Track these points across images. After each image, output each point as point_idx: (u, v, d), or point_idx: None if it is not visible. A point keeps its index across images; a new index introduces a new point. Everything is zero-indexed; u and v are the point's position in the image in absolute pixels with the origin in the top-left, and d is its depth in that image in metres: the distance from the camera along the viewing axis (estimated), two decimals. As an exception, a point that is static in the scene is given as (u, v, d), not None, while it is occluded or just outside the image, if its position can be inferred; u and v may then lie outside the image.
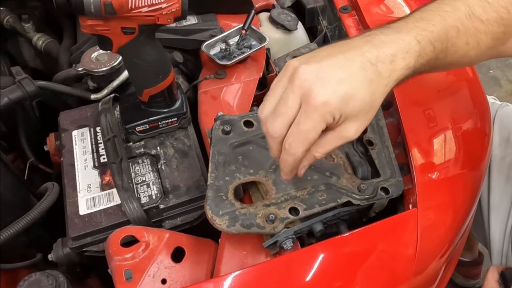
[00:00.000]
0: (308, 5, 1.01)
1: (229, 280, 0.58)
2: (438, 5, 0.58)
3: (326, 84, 0.48)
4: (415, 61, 0.53)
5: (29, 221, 0.66)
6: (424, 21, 0.55)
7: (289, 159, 0.51)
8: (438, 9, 0.57)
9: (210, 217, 0.59)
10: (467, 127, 0.76)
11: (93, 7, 0.56)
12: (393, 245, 0.64)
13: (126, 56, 0.67)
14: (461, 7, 0.57)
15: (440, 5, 0.58)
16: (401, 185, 0.67)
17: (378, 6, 0.91)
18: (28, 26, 1.01)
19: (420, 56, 0.54)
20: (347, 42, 0.53)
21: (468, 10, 0.57)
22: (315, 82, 0.48)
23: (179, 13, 0.61)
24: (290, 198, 0.62)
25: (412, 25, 0.55)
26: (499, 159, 0.97)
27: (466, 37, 0.57)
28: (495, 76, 2.16)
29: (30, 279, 0.61)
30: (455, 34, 0.56)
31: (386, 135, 0.71)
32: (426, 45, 0.54)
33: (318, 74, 0.48)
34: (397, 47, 0.52)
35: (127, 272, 0.58)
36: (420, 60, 0.54)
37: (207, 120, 0.77)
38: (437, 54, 0.56)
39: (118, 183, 0.68)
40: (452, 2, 0.58)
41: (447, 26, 0.55)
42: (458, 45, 0.57)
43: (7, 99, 0.75)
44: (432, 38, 0.54)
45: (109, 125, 0.75)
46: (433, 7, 0.58)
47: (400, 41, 0.52)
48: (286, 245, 0.60)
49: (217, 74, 0.83)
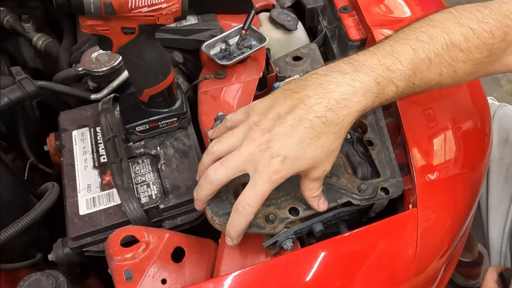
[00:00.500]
0: (308, 5, 1.01)
1: (229, 280, 0.58)
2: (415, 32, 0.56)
3: (276, 155, 0.51)
4: (372, 102, 0.53)
5: (29, 221, 0.66)
6: (392, 56, 0.54)
7: (243, 220, 0.54)
8: (413, 37, 0.55)
9: (210, 217, 0.59)
10: (467, 127, 0.76)
11: (93, 7, 0.56)
12: (393, 245, 0.64)
13: (126, 56, 0.67)
14: (439, 36, 0.55)
15: (416, 33, 0.56)
16: (401, 185, 0.67)
17: (378, 6, 0.91)
18: (28, 26, 1.01)
19: (378, 97, 0.54)
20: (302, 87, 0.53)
21: (447, 39, 0.55)
22: (266, 152, 0.51)
23: (179, 13, 0.61)
24: (290, 198, 0.62)
25: (376, 61, 0.54)
26: (498, 160, 0.97)
27: (440, 68, 0.56)
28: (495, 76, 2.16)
29: (30, 279, 0.61)
30: (425, 68, 0.55)
31: (386, 135, 0.71)
32: (387, 85, 0.54)
33: (268, 144, 0.51)
34: (352, 91, 0.52)
35: (127, 272, 0.58)
36: (378, 100, 0.54)
37: (207, 120, 0.77)
38: (402, 91, 0.55)
39: (118, 183, 0.68)
40: (430, 29, 0.56)
41: (417, 61, 0.54)
42: (430, 77, 0.56)
43: (7, 99, 0.75)
44: (395, 78, 0.54)
45: (109, 125, 0.75)
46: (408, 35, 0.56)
47: (357, 83, 0.52)
48: (286, 245, 0.60)
49: (217, 74, 0.83)
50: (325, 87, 0.52)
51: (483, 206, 0.97)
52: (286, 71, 0.90)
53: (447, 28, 0.56)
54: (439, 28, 0.56)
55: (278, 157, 0.51)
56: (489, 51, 0.58)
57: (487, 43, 0.57)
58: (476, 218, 0.97)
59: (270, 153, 0.51)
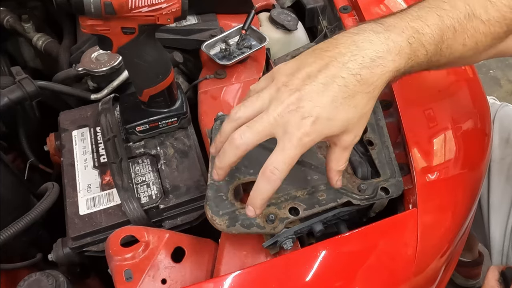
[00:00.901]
0: (308, 5, 1.01)
1: (229, 280, 0.58)
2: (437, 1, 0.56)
3: (307, 115, 0.48)
4: (405, 63, 0.52)
5: (29, 221, 0.66)
6: (419, 20, 0.54)
7: (270, 187, 0.51)
8: (436, 6, 0.55)
9: (210, 217, 0.59)
10: (467, 127, 0.76)
11: (93, 7, 0.56)
12: (393, 245, 0.64)
13: (126, 56, 0.67)
14: (461, 6, 0.55)
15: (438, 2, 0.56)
16: (401, 185, 0.67)
17: (378, 6, 0.91)
18: (28, 26, 1.01)
19: (411, 59, 0.53)
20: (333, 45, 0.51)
21: (468, 10, 0.55)
22: (296, 113, 0.48)
23: (179, 13, 0.61)
24: (290, 198, 0.62)
25: (406, 24, 0.53)
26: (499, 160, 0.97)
27: (463, 38, 0.55)
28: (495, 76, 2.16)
29: (30, 279, 0.61)
30: (451, 36, 0.55)
31: (386, 135, 0.71)
32: (418, 47, 0.53)
33: (298, 103, 0.48)
34: (386, 49, 0.51)
35: (127, 272, 0.58)
36: (410, 62, 0.53)
37: (207, 120, 0.77)
38: (430, 57, 0.54)
39: (118, 183, 0.68)
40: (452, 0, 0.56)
41: (443, 27, 0.54)
42: (454, 47, 0.56)
43: (7, 99, 0.75)
44: (425, 41, 0.53)
45: (109, 125, 0.75)
46: (431, 4, 0.56)
47: (391, 42, 0.51)
48: (286, 245, 0.60)
49: (217, 74, 0.84)
50: (359, 44, 0.50)
51: (484, 205, 0.97)
52: (286, 71, 0.90)
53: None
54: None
55: (310, 118, 0.48)
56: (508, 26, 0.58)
57: (506, 17, 0.57)
58: (477, 218, 0.97)
59: (300, 114, 0.48)
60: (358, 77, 0.49)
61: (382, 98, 0.78)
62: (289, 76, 0.51)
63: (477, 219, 0.97)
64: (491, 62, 2.18)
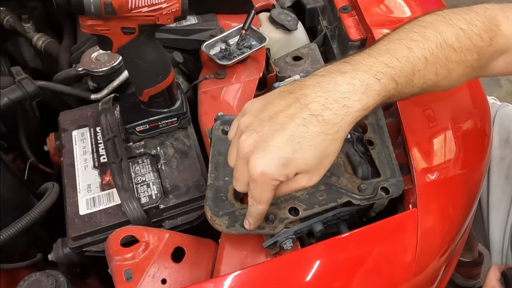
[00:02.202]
0: (308, 5, 1.01)
1: (229, 280, 0.58)
2: (407, 33, 0.55)
3: (262, 155, 0.48)
4: (374, 100, 0.51)
5: (29, 221, 0.66)
6: (388, 54, 0.53)
7: (254, 212, 0.54)
8: (407, 37, 0.55)
9: (209, 218, 0.59)
10: (467, 127, 0.76)
11: (93, 7, 0.56)
12: (393, 245, 0.64)
13: (126, 56, 0.67)
14: (432, 36, 0.55)
15: (409, 33, 0.55)
16: (401, 185, 0.67)
17: (378, 6, 0.91)
18: (28, 26, 1.01)
19: (381, 94, 0.52)
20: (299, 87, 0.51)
21: (440, 39, 0.55)
22: (252, 154, 0.48)
23: (179, 13, 0.61)
24: (290, 198, 0.62)
25: (373, 59, 0.52)
26: (499, 159, 0.97)
27: (436, 68, 0.55)
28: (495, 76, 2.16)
29: (30, 279, 0.61)
30: (422, 67, 0.54)
31: (386, 135, 0.71)
32: (388, 82, 0.52)
33: (255, 144, 0.48)
34: (351, 89, 0.50)
35: (127, 272, 0.58)
36: (380, 98, 0.52)
37: (207, 120, 0.77)
38: (401, 89, 0.54)
39: (118, 183, 0.68)
40: (422, 29, 0.55)
41: (414, 59, 0.53)
42: (427, 77, 0.55)
43: (7, 99, 0.75)
44: (395, 75, 0.52)
45: (109, 125, 0.75)
46: (401, 35, 0.55)
47: (357, 81, 0.50)
48: (286, 245, 0.60)
49: (217, 74, 0.83)
50: (323, 86, 0.50)
51: (483, 205, 0.97)
52: (286, 71, 0.90)
53: (439, 28, 0.56)
54: (430, 28, 0.56)
55: (263, 157, 0.48)
56: (479, 54, 0.57)
57: (476, 46, 0.57)
58: (477, 218, 0.97)
59: (256, 154, 0.48)
60: (320, 118, 0.48)
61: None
62: (252, 116, 0.51)
63: (476, 219, 0.97)
64: (491, 62, 2.18)
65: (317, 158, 0.49)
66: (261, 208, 0.53)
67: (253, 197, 0.52)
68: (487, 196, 0.96)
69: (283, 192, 0.52)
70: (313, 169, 0.50)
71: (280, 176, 0.49)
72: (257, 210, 0.54)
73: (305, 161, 0.49)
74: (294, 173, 0.49)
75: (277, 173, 0.48)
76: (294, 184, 0.51)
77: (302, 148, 0.48)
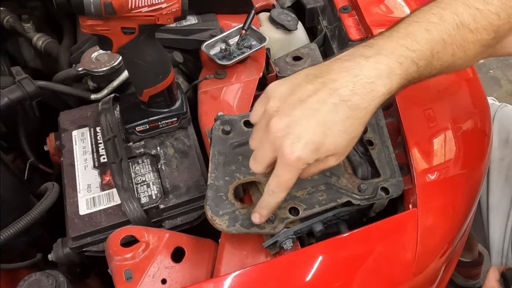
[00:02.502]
0: (308, 5, 1.01)
1: (229, 280, 0.58)
2: (425, 15, 0.56)
3: (296, 140, 0.49)
4: (397, 84, 0.52)
5: (29, 221, 0.66)
6: (408, 38, 0.54)
7: (272, 202, 0.55)
8: (425, 20, 0.55)
9: (210, 217, 0.59)
10: (467, 127, 0.76)
11: (93, 7, 0.56)
12: (393, 245, 0.64)
13: (126, 56, 0.67)
14: (449, 17, 0.55)
15: (427, 15, 0.56)
16: (401, 185, 0.67)
17: (378, 6, 0.91)
18: (28, 26, 1.01)
19: (402, 78, 0.53)
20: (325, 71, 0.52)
21: (456, 20, 0.55)
22: (286, 139, 0.49)
23: (179, 13, 0.61)
24: (290, 198, 0.62)
25: (395, 43, 0.53)
26: (498, 160, 0.97)
27: (452, 49, 0.56)
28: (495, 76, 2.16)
29: (30, 279, 0.61)
30: (441, 49, 0.55)
31: (386, 135, 0.71)
32: (409, 65, 0.53)
33: (288, 129, 0.49)
34: (377, 74, 0.51)
35: (127, 272, 0.58)
36: (402, 81, 0.53)
37: (207, 120, 0.77)
38: (421, 71, 0.55)
39: (118, 183, 0.68)
40: (440, 11, 0.56)
41: (433, 41, 0.54)
42: (444, 58, 0.56)
43: (7, 99, 0.75)
44: (416, 58, 0.53)
45: (109, 125, 0.75)
46: (419, 18, 0.56)
47: (381, 65, 0.51)
48: (286, 245, 0.60)
49: (217, 74, 0.83)
50: (350, 71, 0.51)
51: (483, 206, 0.97)
52: (286, 71, 0.90)
53: (456, 9, 0.56)
54: (448, 10, 0.56)
55: (299, 143, 0.49)
56: (495, 33, 0.58)
57: (493, 24, 0.57)
58: (476, 218, 0.97)
59: (290, 139, 0.49)
60: (349, 103, 0.50)
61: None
62: (280, 101, 0.51)
63: (476, 219, 0.97)
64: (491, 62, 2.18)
65: (346, 141, 0.51)
66: (282, 196, 0.53)
67: (278, 183, 0.52)
68: (486, 197, 0.96)
69: (311, 173, 0.53)
70: (341, 151, 0.52)
71: (312, 160, 0.50)
72: (276, 199, 0.54)
73: (336, 145, 0.51)
74: (324, 156, 0.51)
75: (310, 158, 0.50)
76: (323, 165, 0.53)
77: (333, 133, 0.50)
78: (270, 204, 0.55)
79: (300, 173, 0.51)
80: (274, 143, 0.50)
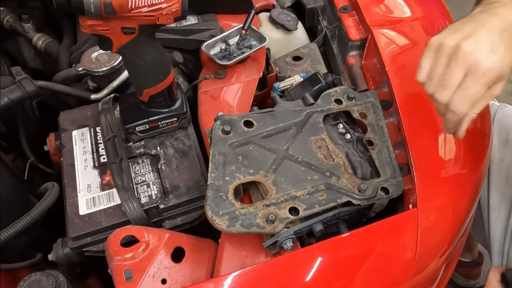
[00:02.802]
0: (308, 5, 1.01)
1: (229, 280, 0.58)
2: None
3: (490, 54, 0.57)
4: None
5: (29, 221, 0.66)
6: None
7: (455, 118, 0.60)
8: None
9: (210, 217, 0.59)
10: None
11: (93, 7, 0.56)
12: (393, 245, 0.64)
13: (126, 56, 0.67)
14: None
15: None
16: (401, 185, 0.67)
17: (378, 6, 0.91)
18: (28, 26, 1.02)
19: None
20: (476, 19, 0.60)
21: None
22: (480, 53, 0.57)
23: (179, 13, 0.61)
24: (290, 198, 0.62)
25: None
26: (498, 160, 0.97)
27: None
28: (495, 76, 2.15)
29: (30, 279, 0.61)
30: None
31: (386, 135, 0.71)
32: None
33: (478, 47, 0.57)
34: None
35: (127, 272, 0.58)
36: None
37: (207, 120, 0.77)
38: None
39: (118, 183, 0.68)
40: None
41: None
42: None
43: (7, 99, 0.75)
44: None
45: (109, 125, 0.75)
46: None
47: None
48: (286, 245, 0.60)
49: (217, 74, 0.83)
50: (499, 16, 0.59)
51: (483, 207, 0.97)
52: (286, 71, 0.90)
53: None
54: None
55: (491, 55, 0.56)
56: None
57: None
58: (477, 219, 0.97)
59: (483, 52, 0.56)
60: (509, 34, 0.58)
61: (382, 98, 0.78)
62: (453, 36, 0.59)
63: (476, 220, 0.97)
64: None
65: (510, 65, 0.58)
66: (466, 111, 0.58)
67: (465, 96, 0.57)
68: (487, 197, 0.96)
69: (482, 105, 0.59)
70: (506, 76, 0.58)
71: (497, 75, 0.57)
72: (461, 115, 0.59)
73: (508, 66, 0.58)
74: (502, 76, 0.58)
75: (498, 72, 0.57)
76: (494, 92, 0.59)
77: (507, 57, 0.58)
78: (453, 120, 0.60)
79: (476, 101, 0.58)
80: (467, 59, 0.56)
